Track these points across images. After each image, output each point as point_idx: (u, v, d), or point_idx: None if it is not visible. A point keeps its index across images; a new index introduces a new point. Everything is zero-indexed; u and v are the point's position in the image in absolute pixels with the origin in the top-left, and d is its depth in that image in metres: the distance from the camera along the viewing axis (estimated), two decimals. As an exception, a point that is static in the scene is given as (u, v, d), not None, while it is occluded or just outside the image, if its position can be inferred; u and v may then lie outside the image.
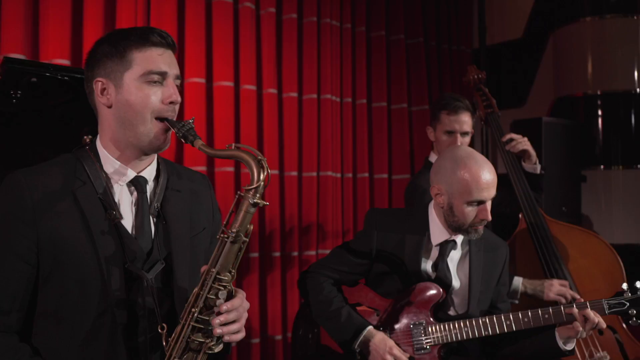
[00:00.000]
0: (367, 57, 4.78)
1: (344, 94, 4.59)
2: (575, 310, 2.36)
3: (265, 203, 1.60)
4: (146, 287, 1.59)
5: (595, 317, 2.32)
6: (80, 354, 1.55)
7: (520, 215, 3.28)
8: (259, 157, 1.58)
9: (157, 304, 1.60)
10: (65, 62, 3.20)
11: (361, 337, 2.44)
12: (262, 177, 1.56)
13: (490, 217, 2.44)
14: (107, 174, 1.65)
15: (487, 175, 2.41)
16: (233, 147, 1.58)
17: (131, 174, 1.67)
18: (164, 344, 1.54)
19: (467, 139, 3.29)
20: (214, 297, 1.54)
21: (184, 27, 3.81)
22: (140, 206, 1.66)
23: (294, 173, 4.27)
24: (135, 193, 1.67)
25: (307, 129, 4.35)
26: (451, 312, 2.57)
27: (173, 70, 1.66)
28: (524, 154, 3.31)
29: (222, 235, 1.56)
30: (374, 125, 4.80)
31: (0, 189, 1.60)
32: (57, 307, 1.57)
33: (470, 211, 2.43)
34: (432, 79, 5.16)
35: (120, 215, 1.62)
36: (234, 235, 1.54)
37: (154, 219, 1.68)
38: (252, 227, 1.60)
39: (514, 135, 3.33)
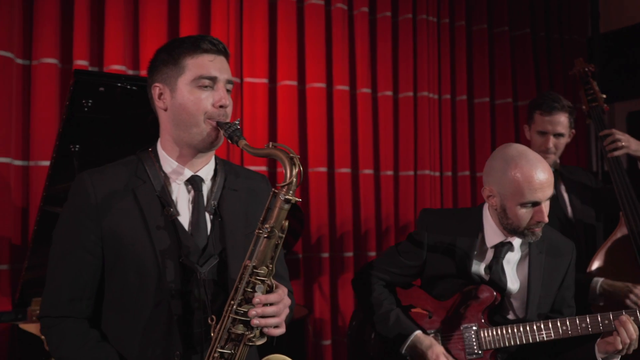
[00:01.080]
0: (468, 52, 4.65)
1: (443, 91, 4.49)
2: (623, 317, 2.16)
3: (298, 200, 1.64)
4: (200, 281, 1.67)
5: (634, 329, 2.12)
6: (140, 341, 1.65)
7: (620, 215, 3.03)
8: (291, 155, 1.62)
9: (209, 297, 1.67)
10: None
11: (408, 342, 2.38)
12: (294, 173, 1.60)
13: (546, 219, 2.27)
14: (166, 174, 1.75)
15: (540, 175, 2.24)
16: (270, 145, 1.64)
17: (188, 173, 1.76)
18: (212, 334, 1.60)
19: (562, 140, 3.11)
20: (251, 290, 1.59)
21: (276, 31, 3.91)
22: (196, 203, 1.74)
23: (390, 172, 4.24)
24: (192, 191, 1.75)
25: (403, 128, 4.31)
26: (510, 316, 2.44)
27: (224, 75, 1.74)
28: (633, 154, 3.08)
29: (258, 231, 1.61)
30: (475, 121, 4.66)
31: (71, 188, 1.74)
32: (119, 296, 1.68)
33: (525, 213, 2.28)
34: (541, 72, 4.91)
35: (177, 212, 1.71)
36: (268, 231, 1.59)
37: (211, 216, 1.75)
38: (287, 223, 1.63)
39: (613, 131, 3.10)
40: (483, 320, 2.38)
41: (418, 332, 2.39)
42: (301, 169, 1.63)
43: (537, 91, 4.79)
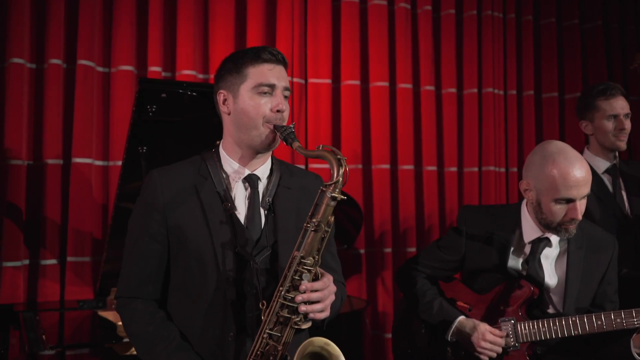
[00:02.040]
0: (535, 46, 4.60)
1: (509, 86, 4.47)
2: None
3: (344, 197, 1.77)
4: (253, 269, 1.82)
5: None
6: (199, 323, 1.82)
7: None
8: (339, 156, 1.75)
9: (262, 284, 1.83)
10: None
11: (453, 327, 2.47)
12: (340, 173, 1.74)
13: (579, 217, 2.30)
14: (226, 172, 1.92)
15: (577, 173, 2.27)
16: (320, 148, 1.78)
17: (246, 172, 1.91)
18: (262, 317, 1.75)
19: (629, 122, 3.08)
20: (298, 278, 1.73)
21: (340, 32, 4.03)
22: (252, 200, 1.89)
23: (454, 169, 4.28)
24: (249, 189, 1.91)
25: (467, 124, 4.34)
26: (549, 310, 2.47)
27: (282, 82, 1.88)
28: None
29: (306, 225, 1.75)
30: (543, 116, 4.61)
31: (143, 184, 1.95)
32: (182, 282, 1.87)
33: (559, 209, 2.31)
34: (613, 65, 4.80)
35: (235, 207, 1.87)
36: (315, 224, 1.73)
37: (265, 211, 1.91)
38: (332, 219, 1.77)
39: None
40: (521, 314, 2.42)
41: (461, 317, 2.48)
42: (347, 169, 1.76)
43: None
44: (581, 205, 2.31)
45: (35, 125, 3.34)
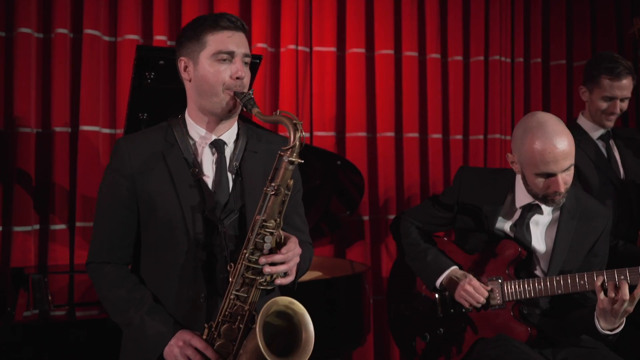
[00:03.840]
0: (543, 13, 4.55)
1: (516, 54, 4.45)
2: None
3: (300, 161, 1.81)
4: (221, 233, 1.89)
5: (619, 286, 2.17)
6: (171, 285, 1.90)
7: None
8: (295, 121, 1.81)
9: (230, 247, 1.89)
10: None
11: (445, 274, 2.56)
12: (297, 137, 1.79)
13: (562, 190, 2.32)
14: (192, 138, 1.97)
15: (554, 148, 2.28)
16: (278, 113, 1.83)
17: (212, 137, 1.96)
18: (230, 279, 1.82)
19: (626, 103, 3.09)
20: (261, 240, 1.79)
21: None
22: (219, 165, 1.95)
23: (459, 137, 4.29)
24: (215, 154, 1.96)
25: (474, 92, 4.32)
26: (537, 273, 2.53)
27: (241, 49, 1.92)
28: None
29: (266, 189, 1.81)
30: (551, 84, 4.58)
31: (112, 151, 2.00)
32: (153, 246, 1.94)
33: (541, 182, 2.35)
34: (623, 32, 4.73)
35: (202, 172, 1.93)
36: (275, 188, 1.79)
37: (232, 176, 1.96)
38: (292, 182, 1.83)
39: None
40: (508, 274, 2.48)
41: (455, 267, 2.59)
42: (304, 134, 1.81)
43: (617, 50, 4.62)
44: (565, 177, 2.33)
45: (43, 94, 3.41)
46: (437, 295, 2.63)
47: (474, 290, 2.46)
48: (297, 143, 1.79)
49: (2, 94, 3.31)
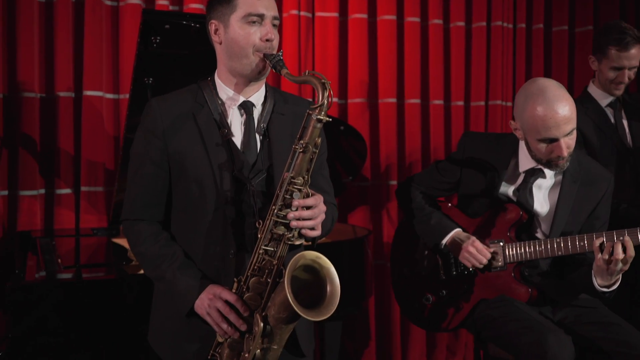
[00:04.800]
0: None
1: (518, 19, 4.44)
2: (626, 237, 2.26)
3: (329, 119, 1.85)
4: (250, 191, 1.95)
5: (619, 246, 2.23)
6: (202, 242, 1.95)
7: None
8: (323, 81, 1.84)
9: (258, 205, 1.95)
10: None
11: (449, 235, 2.62)
12: (325, 96, 1.83)
13: (565, 154, 2.37)
14: (222, 99, 2.01)
15: (555, 113, 2.32)
16: (307, 73, 1.87)
17: (241, 98, 2.00)
18: (259, 235, 1.87)
19: (634, 71, 3.12)
20: (289, 196, 1.83)
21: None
22: (248, 126, 2.00)
23: (460, 103, 4.30)
24: (244, 115, 2.01)
25: (475, 58, 4.33)
26: (538, 235, 2.60)
27: (270, 12, 1.96)
28: None
29: (294, 146, 1.85)
30: (553, 50, 4.58)
31: (143, 112, 2.05)
32: (184, 204, 1.99)
33: (544, 148, 2.40)
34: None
35: (231, 133, 1.98)
36: (303, 146, 1.83)
37: (260, 137, 2.01)
38: (319, 140, 1.87)
39: None
40: (509, 236, 2.53)
41: (459, 229, 2.65)
42: (332, 92, 1.85)
43: (619, 15, 4.61)
44: (567, 142, 2.37)
45: (46, 59, 3.41)
46: (439, 258, 2.69)
47: (476, 252, 2.51)
48: (326, 102, 1.83)
49: (5, 58, 3.31)
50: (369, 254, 3.25)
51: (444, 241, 2.63)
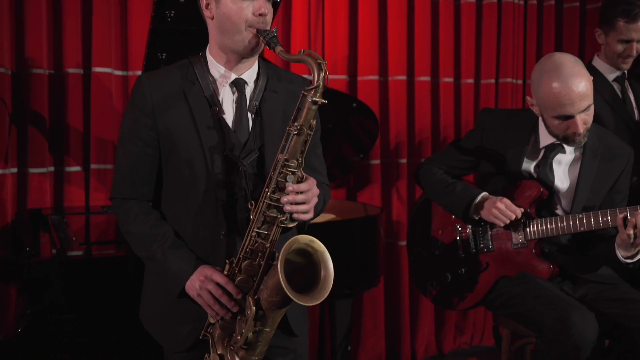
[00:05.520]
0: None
1: (530, -5, 4.40)
2: None
3: (324, 101, 1.80)
4: (241, 172, 1.90)
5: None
6: (192, 223, 1.92)
7: None
8: (319, 61, 1.78)
9: (250, 186, 1.91)
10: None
11: (478, 199, 2.58)
12: (321, 77, 1.77)
13: (581, 130, 2.35)
14: (213, 77, 1.95)
15: (570, 91, 2.29)
16: (302, 52, 1.81)
17: (232, 76, 1.94)
18: (251, 216, 1.83)
19: None
20: (283, 179, 1.79)
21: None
22: (239, 104, 1.94)
23: (470, 80, 4.27)
24: (236, 93, 1.95)
25: (486, 35, 4.28)
26: (558, 212, 2.58)
27: None
28: None
29: (289, 128, 1.80)
30: (564, 27, 4.53)
31: (133, 88, 1.99)
32: (174, 184, 1.95)
33: (559, 124, 2.38)
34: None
35: (222, 111, 1.93)
36: (298, 128, 1.78)
37: (252, 115, 1.96)
38: (314, 122, 1.82)
39: None
40: (530, 213, 2.51)
41: (485, 193, 2.59)
42: (327, 74, 1.79)
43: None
44: (583, 118, 2.36)
45: (54, 35, 3.36)
46: (458, 237, 2.67)
47: (505, 208, 2.48)
48: (321, 83, 1.77)
49: (13, 34, 3.26)
50: (382, 232, 3.24)
51: (474, 203, 2.57)
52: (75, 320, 2.25)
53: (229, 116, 1.94)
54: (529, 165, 2.57)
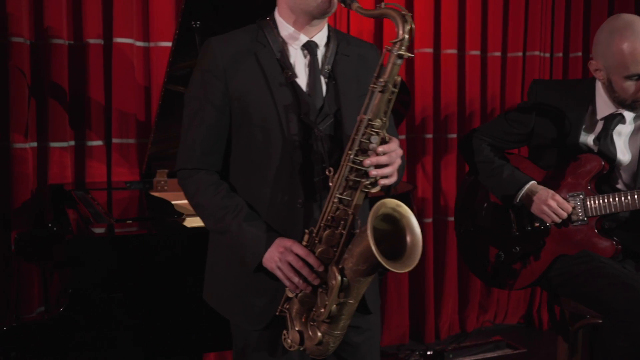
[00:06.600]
0: None
1: (559, -34, 4.27)
2: None
3: (411, 55, 1.70)
4: (317, 137, 1.80)
5: None
6: (266, 192, 1.82)
7: None
8: (404, 12, 1.67)
9: (327, 152, 1.80)
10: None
11: (524, 189, 2.49)
12: (406, 30, 1.66)
13: None
14: (284, 39, 1.85)
15: None
16: (382, 5, 1.69)
17: (304, 38, 1.84)
18: (330, 183, 1.73)
19: None
20: (367, 141, 1.68)
21: None
22: (312, 67, 1.84)
23: (497, 54, 4.16)
24: (308, 56, 1.85)
25: (513, 7, 4.16)
26: (619, 186, 2.49)
27: None
28: None
29: (372, 86, 1.69)
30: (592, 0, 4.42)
31: (200, 52, 1.89)
32: (247, 151, 1.84)
33: (630, 86, 2.28)
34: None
35: (295, 74, 1.83)
36: (382, 85, 1.66)
37: (325, 79, 1.86)
38: (399, 79, 1.70)
39: None
40: (590, 189, 2.42)
41: (534, 182, 2.51)
42: (413, 26, 1.67)
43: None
44: None
45: (74, 3, 3.24)
46: (512, 213, 2.57)
47: (557, 206, 2.40)
48: (406, 36, 1.66)
49: (31, 3, 3.14)
50: (414, 209, 3.15)
51: (520, 195, 2.50)
52: (123, 300, 2.17)
53: (301, 80, 1.84)
54: (587, 138, 2.47)
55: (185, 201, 2.95)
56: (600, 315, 2.33)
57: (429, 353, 3.82)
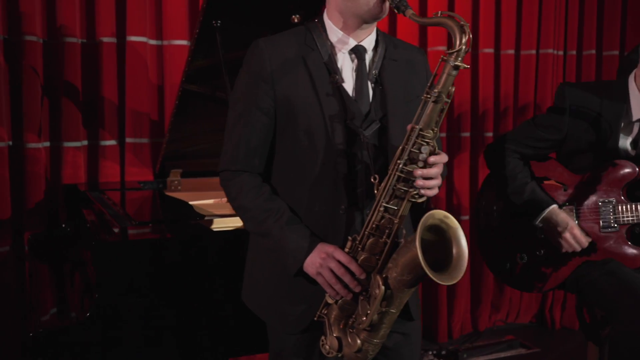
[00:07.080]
0: None
1: (572, -37, 4.23)
2: None
3: (466, 66, 1.67)
4: (363, 143, 1.76)
5: None
6: (309, 196, 1.79)
7: None
8: (462, 23, 1.64)
9: (372, 158, 1.77)
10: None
11: (544, 214, 2.45)
12: (463, 41, 1.63)
13: None
14: (332, 43, 1.82)
15: None
16: (439, 14, 1.66)
17: (352, 42, 1.81)
18: (375, 192, 1.70)
19: None
20: (417, 151, 1.65)
21: None
22: (360, 72, 1.81)
23: (511, 51, 4.12)
24: (355, 60, 1.82)
25: (527, 5, 4.13)
26: None
27: None
28: None
29: (425, 95, 1.65)
30: (606, -3, 4.39)
31: (247, 53, 1.86)
32: (291, 155, 1.82)
33: None
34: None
35: (342, 79, 1.79)
36: (436, 95, 1.63)
37: (372, 84, 1.82)
38: (453, 89, 1.67)
39: None
40: (622, 196, 2.38)
41: (554, 206, 2.45)
42: (471, 36, 1.65)
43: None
44: None
45: (87, 1, 3.21)
46: None
47: (573, 241, 2.39)
48: (464, 47, 1.63)
49: (45, 1, 3.11)
50: (431, 206, 3.12)
51: (537, 220, 2.48)
52: (149, 303, 2.14)
53: (348, 85, 1.81)
54: (624, 142, 2.43)
55: (202, 201, 2.96)
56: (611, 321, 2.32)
57: (443, 353, 3.80)
